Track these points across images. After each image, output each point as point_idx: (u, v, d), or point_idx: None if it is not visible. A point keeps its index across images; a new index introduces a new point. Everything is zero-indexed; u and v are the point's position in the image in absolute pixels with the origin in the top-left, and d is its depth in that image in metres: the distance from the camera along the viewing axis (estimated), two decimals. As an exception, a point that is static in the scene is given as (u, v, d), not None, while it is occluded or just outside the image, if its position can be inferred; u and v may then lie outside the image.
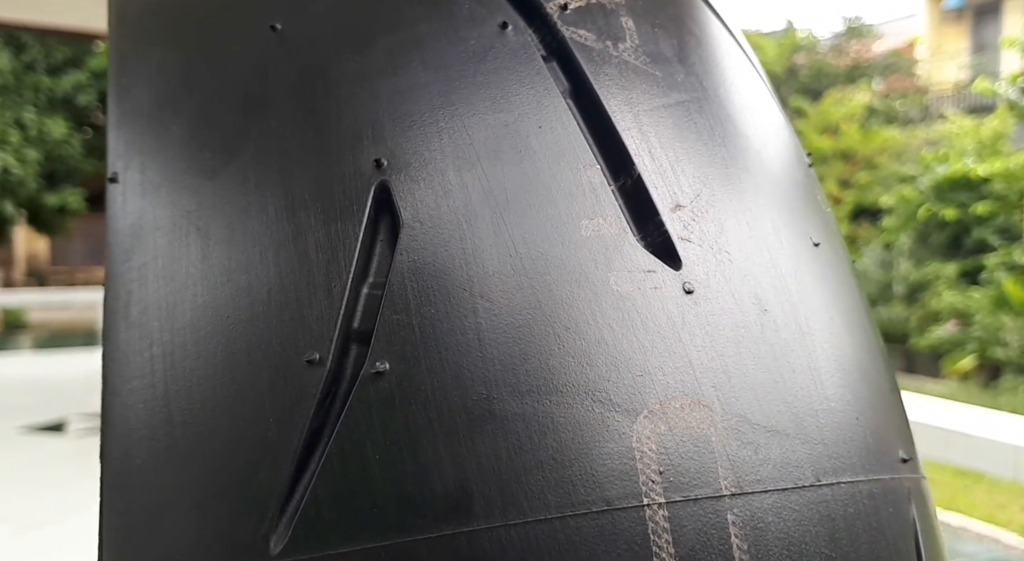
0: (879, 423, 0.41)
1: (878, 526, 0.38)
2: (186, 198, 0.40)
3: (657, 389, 0.36)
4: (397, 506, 0.33)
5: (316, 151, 0.39)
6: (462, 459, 0.33)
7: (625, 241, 0.38)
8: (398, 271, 0.36)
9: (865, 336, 0.44)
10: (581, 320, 0.36)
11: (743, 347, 0.38)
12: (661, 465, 0.34)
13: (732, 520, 0.34)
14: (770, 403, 0.37)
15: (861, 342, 0.43)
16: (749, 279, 0.40)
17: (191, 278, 0.39)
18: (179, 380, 0.37)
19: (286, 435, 0.35)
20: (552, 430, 0.34)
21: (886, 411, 0.42)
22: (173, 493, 0.36)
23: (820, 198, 0.49)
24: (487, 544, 0.33)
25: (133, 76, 0.46)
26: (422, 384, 0.34)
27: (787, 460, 0.36)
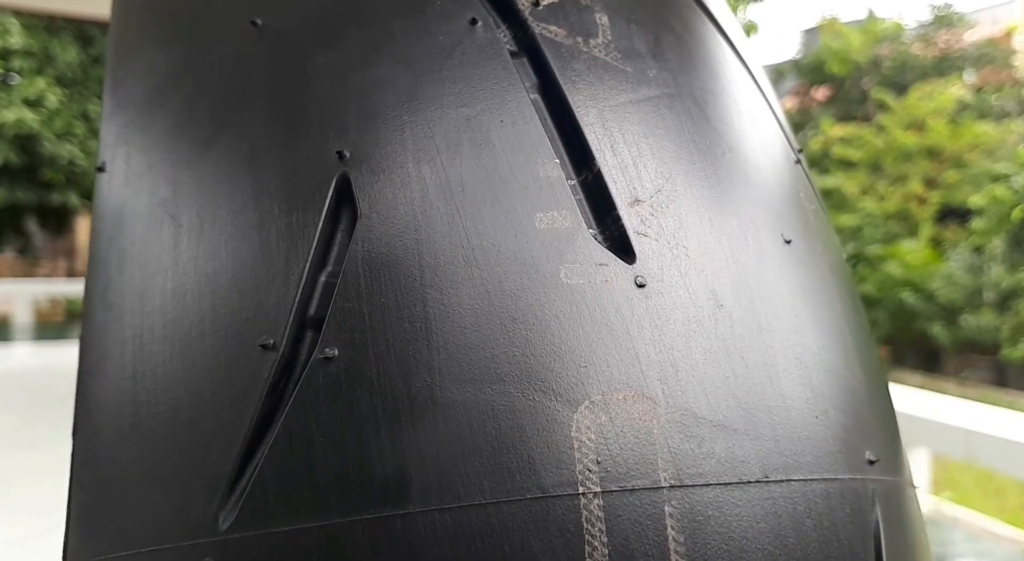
0: (844, 423, 0.42)
1: (831, 526, 0.39)
2: (163, 187, 0.43)
3: (600, 380, 0.37)
4: (337, 488, 0.36)
5: (284, 143, 0.42)
6: (402, 444, 0.36)
7: (579, 235, 0.40)
8: (352, 260, 0.38)
9: (839, 336, 0.45)
10: (528, 311, 0.38)
11: (694, 342, 0.39)
12: (599, 455, 0.36)
13: (670, 512, 0.36)
14: (719, 398, 0.39)
15: (833, 342, 0.44)
16: (706, 274, 0.41)
17: (162, 264, 0.42)
18: (145, 362, 0.40)
19: (239, 417, 0.38)
20: (492, 418, 0.36)
21: (855, 412, 0.43)
22: (135, 470, 0.39)
23: (805, 194, 0.50)
24: (421, 527, 0.35)
25: (126, 70, 0.49)
26: (368, 370, 0.37)
27: (733, 455, 0.38)
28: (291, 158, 0.41)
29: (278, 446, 0.37)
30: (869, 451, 0.43)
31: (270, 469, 0.36)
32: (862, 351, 0.47)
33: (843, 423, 0.42)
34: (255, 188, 0.41)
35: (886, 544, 0.41)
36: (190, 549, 0.37)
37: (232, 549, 0.36)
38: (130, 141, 0.46)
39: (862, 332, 0.49)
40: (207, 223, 0.41)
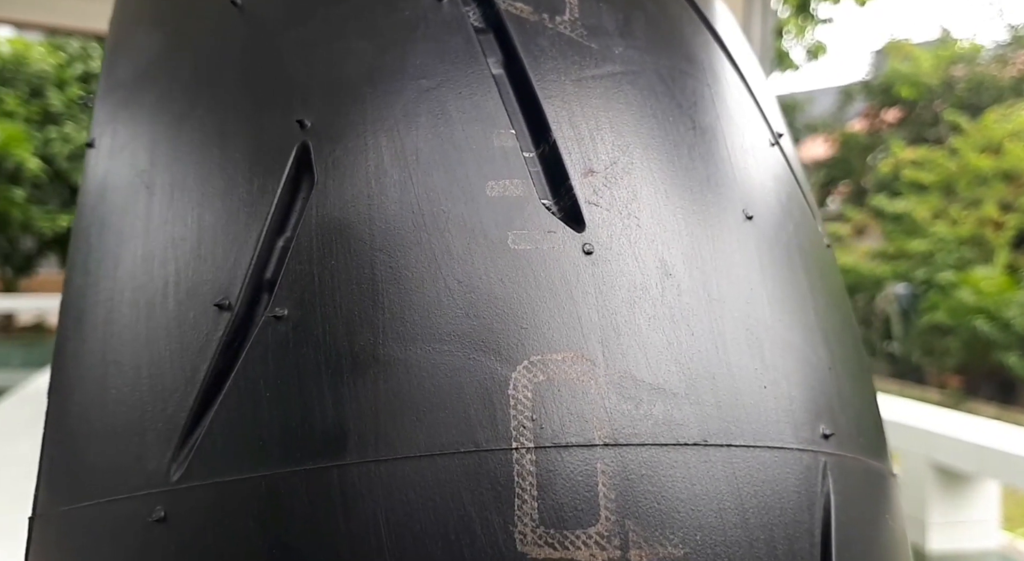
0: (796, 396, 0.42)
1: (773, 494, 0.39)
2: (142, 159, 0.46)
3: (540, 342, 0.38)
4: (280, 440, 0.37)
5: (250, 114, 0.44)
6: (342, 399, 0.37)
7: (529, 203, 0.41)
8: (306, 225, 0.40)
9: (801, 313, 0.45)
10: (474, 274, 0.39)
11: (638, 308, 0.40)
12: (535, 413, 0.37)
13: (602, 469, 0.36)
14: (660, 363, 0.39)
15: (792, 318, 0.44)
16: (657, 244, 0.42)
17: (135, 231, 0.44)
18: (115, 324, 0.43)
19: (194, 374, 0.39)
20: (431, 375, 0.37)
21: (810, 386, 0.43)
22: (100, 426, 0.41)
23: (779, 175, 0.50)
24: (356, 477, 0.36)
25: (120, 52, 0.52)
26: (315, 329, 0.38)
27: (671, 418, 0.38)
28: (256, 128, 0.43)
29: (228, 401, 0.38)
30: (824, 425, 0.43)
31: (219, 423, 0.38)
32: (831, 332, 0.47)
33: (794, 395, 0.42)
34: (222, 157, 0.43)
35: (838, 518, 0.41)
36: (143, 499, 0.38)
37: (180, 498, 0.38)
38: (117, 118, 0.49)
39: (835, 314, 0.49)
40: (177, 191, 0.44)
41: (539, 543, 0.35)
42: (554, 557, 0.35)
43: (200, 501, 0.37)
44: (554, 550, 0.35)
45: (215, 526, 0.37)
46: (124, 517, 0.39)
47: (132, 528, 0.38)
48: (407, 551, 0.35)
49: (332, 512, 0.36)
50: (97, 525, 0.39)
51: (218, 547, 0.37)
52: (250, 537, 0.36)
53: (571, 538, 0.35)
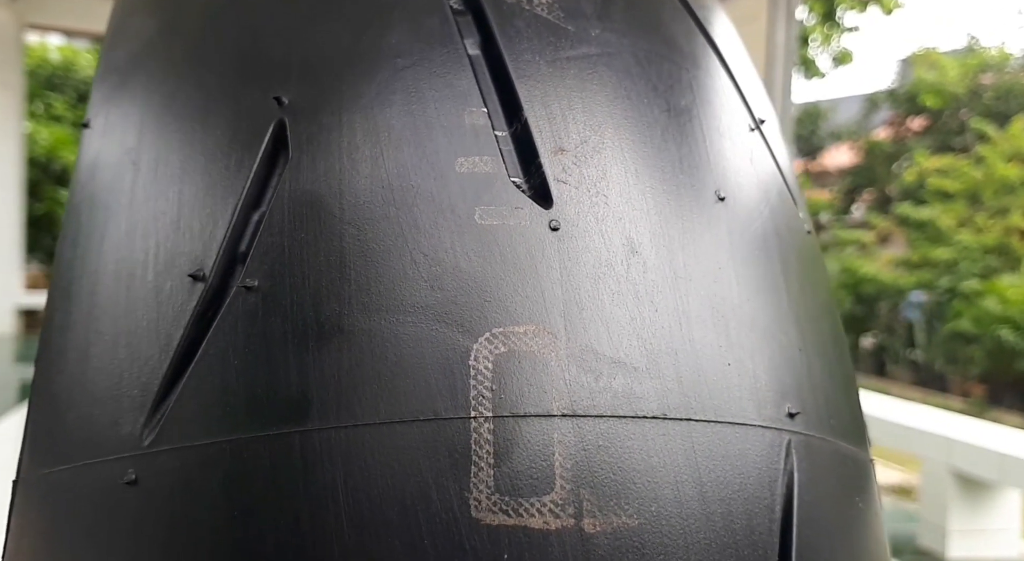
0: (760, 374, 0.42)
1: (732, 468, 0.39)
2: (130, 138, 0.47)
3: (503, 314, 0.39)
4: (246, 407, 0.38)
5: (233, 93, 0.45)
6: (307, 368, 0.38)
7: (498, 179, 0.41)
8: (279, 198, 0.41)
9: (772, 295, 0.45)
10: (440, 248, 0.39)
11: (602, 283, 0.40)
12: (494, 383, 0.37)
13: (559, 439, 0.37)
14: (622, 338, 0.39)
15: (762, 299, 0.45)
16: (624, 222, 0.42)
17: (121, 206, 0.45)
18: (98, 296, 0.43)
19: (168, 342, 0.40)
20: (394, 345, 0.38)
21: (777, 366, 0.43)
22: (80, 393, 0.42)
23: (757, 159, 0.50)
24: (317, 443, 0.36)
25: (117, 39, 0.53)
26: (283, 300, 0.39)
27: (631, 391, 0.38)
28: (236, 106, 0.44)
29: (198, 369, 0.39)
30: (790, 405, 0.43)
31: (189, 390, 0.39)
32: (805, 314, 0.47)
33: (759, 374, 0.42)
34: (204, 134, 0.44)
35: (801, 496, 0.41)
36: (116, 462, 0.39)
37: (150, 462, 0.38)
38: (111, 101, 0.50)
39: (811, 298, 0.49)
40: (161, 167, 0.44)
41: (493, 510, 0.36)
42: (508, 524, 0.36)
43: (169, 464, 0.38)
44: (508, 517, 0.36)
45: (182, 489, 0.38)
46: (98, 480, 0.39)
47: (105, 490, 0.39)
48: (364, 515, 0.35)
49: (293, 476, 0.36)
50: (73, 487, 0.40)
51: (185, 509, 0.37)
52: (215, 500, 0.37)
53: (525, 506, 0.36)
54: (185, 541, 0.37)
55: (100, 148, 0.48)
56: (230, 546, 0.36)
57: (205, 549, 0.37)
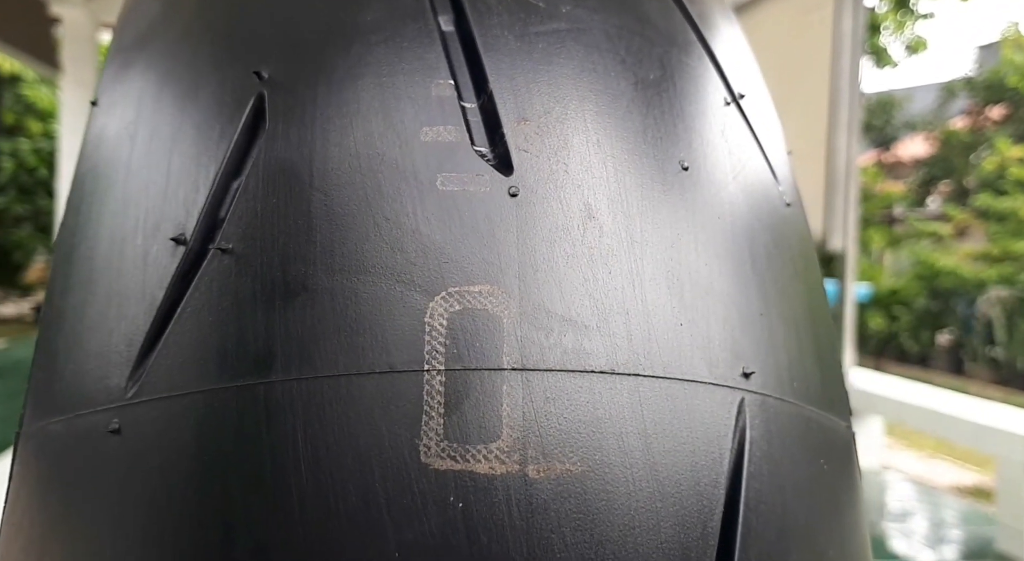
0: (715, 335, 0.44)
1: (678, 423, 0.41)
2: (129, 113, 0.50)
3: (459, 275, 0.41)
4: (217, 361, 0.41)
5: (221, 70, 0.48)
6: (273, 324, 0.40)
7: (460, 148, 0.43)
8: (255, 166, 0.44)
9: (734, 261, 0.47)
10: (401, 212, 0.42)
11: (557, 247, 0.42)
12: (448, 339, 0.40)
13: (507, 391, 0.39)
14: (575, 298, 0.41)
15: (722, 264, 0.46)
16: (583, 189, 0.44)
17: (117, 176, 0.48)
18: (94, 260, 0.47)
19: (152, 301, 0.43)
20: (354, 303, 0.40)
21: (733, 328, 0.45)
22: (75, 350, 0.46)
23: (732, 133, 0.52)
24: (279, 393, 0.39)
25: (127, 22, 0.57)
26: (254, 261, 0.42)
27: (580, 348, 0.40)
28: (223, 80, 0.47)
29: (177, 326, 0.42)
30: (746, 365, 0.44)
31: (168, 346, 0.42)
32: (771, 282, 0.48)
33: (713, 335, 0.44)
34: (194, 109, 0.47)
35: (753, 453, 0.42)
36: (103, 413, 0.43)
37: (132, 412, 0.42)
38: (117, 79, 0.54)
39: (782, 268, 0.50)
40: (154, 140, 0.48)
41: (441, 456, 0.38)
42: (455, 468, 0.38)
43: (148, 414, 0.41)
44: (455, 462, 0.38)
45: (160, 437, 0.41)
46: (86, 429, 0.43)
47: (92, 439, 0.43)
48: (321, 460, 0.38)
49: (256, 424, 0.39)
50: (65, 437, 0.44)
51: (162, 455, 0.41)
52: (188, 446, 0.40)
53: (472, 452, 0.38)
54: (161, 485, 0.40)
55: (103, 124, 0.52)
56: (199, 489, 0.39)
57: (178, 492, 0.40)
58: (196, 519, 0.39)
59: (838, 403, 0.52)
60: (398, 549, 0.37)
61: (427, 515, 0.37)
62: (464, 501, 0.37)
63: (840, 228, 3.63)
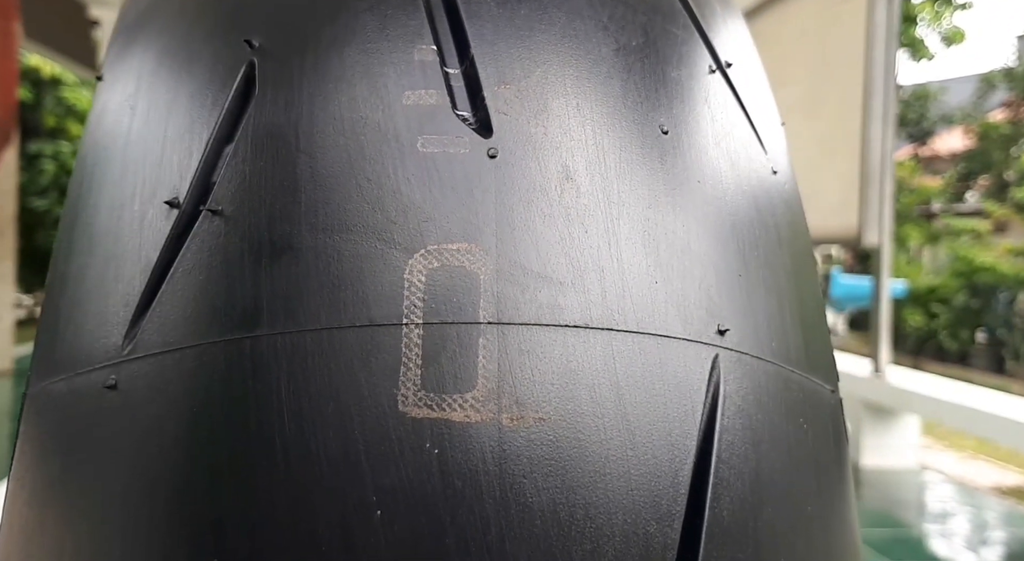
0: (690, 293, 0.45)
1: (650, 376, 0.42)
2: (131, 86, 0.53)
3: (438, 233, 0.42)
4: (207, 317, 0.43)
5: (215, 41, 0.50)
6: (259, 281, 0.42)
7: (441, 111, 0.45)
8: (244, 131, 0.46)
9: (710, 221, 0.48)
10: (383, 173, 0.44)
11: (535, 206, 0.43)
12: (426, 294, 0.41)
13: (483, 343, 0.40)
14: (551, 256, 0.43)
15: (698, 225, 0.47)
16: (561, 151, 0.45)
17: (118, 146, 0.51)
18: (95, 226, 0.49)
19: (148, 263, 0.45)
20: (336, 261, 0.42)
21: (710, 288, 0.46)
22: (77, 312, 0.48)
23: (716, 96, 0.53)
24: (264, 347, 0.41)
25: (131, 2, 0.60)
26: (242, 221, 0.44)
27: (555, 303, 0.42)
28: (216, 50, 0.49)
29: (170, 285, 0.44)
30: (721, 323, 0.45)
31: (162, 304, 0.44)
32: (750, 245, 0.49)
33: (688, 292, 0.45)
34: (189, 79, 0.49)
35: (727, 408, 0.43)
36: (102, 370, 0.45)
37: (128, 368, 0.44)
38: (121, 56, 0.56)
39: (763, 232, 0.51)
40: (152, 111, 0.50)
41: (419, 405, 0.40)
42: (431, 416, 0.39)
43: (143, 370, 0.43)
44: (431, 410, 0.39)
45: (153, 390, 0.43)
46: (85, 386, 0.45)
47: (91, 395, 0.45)
48: (303, 409, 0.40)
49: (243, 376, 0.41)
50: (65, 395, 0.46)
51: (155, 407, 0.43)
52: (179, 398, 0.42)
53: (448, 401, 0.40)
54: (154, 435, 0.42)
55: (107, 98, 0.54)
56: (190, 438, 0.41)
57: (170, 441, 0.42)
58: (186, 466, 0.41)
59: (822, 368, 0.53)
60: (376, 493, 0.38)
61: (404, 461, 0.39)
62: (440, 447, 0.39)
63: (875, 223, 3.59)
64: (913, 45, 9.16)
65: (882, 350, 3.57)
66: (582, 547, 0.39)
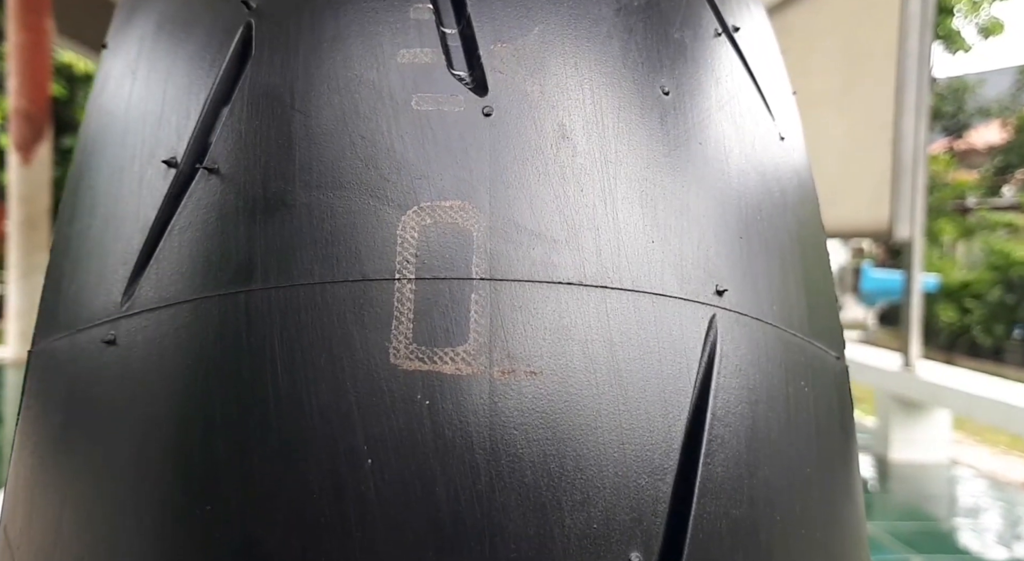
0: (688, 253, 0.45)
1: (644, 334, 0.42)
2: (133, 51, 0.53)
3: (431, 190, 0.42)
4: (203, 272, 0.43)
5: (213, 4, 0.50)
6: (254, 237, 0.43)
7: (437, 69, 0.45)
8: (241, 90, 0.46)
9: (712, 182, 0.47)
10: (376, 131, 0.44)
11: (530, 165, 0.43)
12: (419, 250, 0.41)
13: (475, 299, 0.41)
14: (545, 214, 0.43)
15: (697, 185, 0.47)
16: (558, 110, 0.45)
17: (119, 109, 0.51)
18: (98, 188, 0.50)
19: (146, 222, 0.46)
20: (330, 217, 0.42)
21: (708, 246, 0.46)
22: (79, 271, 0.49)
23: (720, 60, 0.52)
24: (258, 301, 0.41)
25: None
26: (237, 178, 0.44)
27: (548, 260, 0.42)
28: (215, 12, 0.49)
29: (168, 242, 0.45)
30: (719, 284, 0.45)
31: (159, 261, 0.45)
32: (752, 207, 0.49)
33: (685, 252, 0.44)
34: (188, 41, 0.50)
35: (723, 367, 0.43)
36: (102, 326, 0.45)
37: (126, 324, 0.44)
38: (125, 23, 0.57)
39: (767, 195, 0.51)
40: (152, 74, 0.50)
41: (410, 357, 0.40)
42: (422, 369, 0.39)
43: (140, 324, 0.44)
44: (422, 363, 0.40)
45: (150, 344, 0.43)
46: (86, 343, 0.46)
47: (90, 351, 0.45)
48: (296, 361, 0.40)
49: (238, 329, 0.41)
50: (66, 351, 0.47)
51: (152, 361, 0.43)
52: (176, 351, 0.43)
53: (439, 354, 0.40)
54: (151, 388, 0.43)
55: (110, 65, 0.55)
56: (185, 391, 0.42)
57: (166, 394, 0.42)
58: (181, 417, 0.41)
59: (827, 334, 0.52)
60: (366, 442, 0.39)
61: (395, 411, 0.39)
62: (430, 399, 0.39)
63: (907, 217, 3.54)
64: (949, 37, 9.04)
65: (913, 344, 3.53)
66: (572, 497, 0.39)
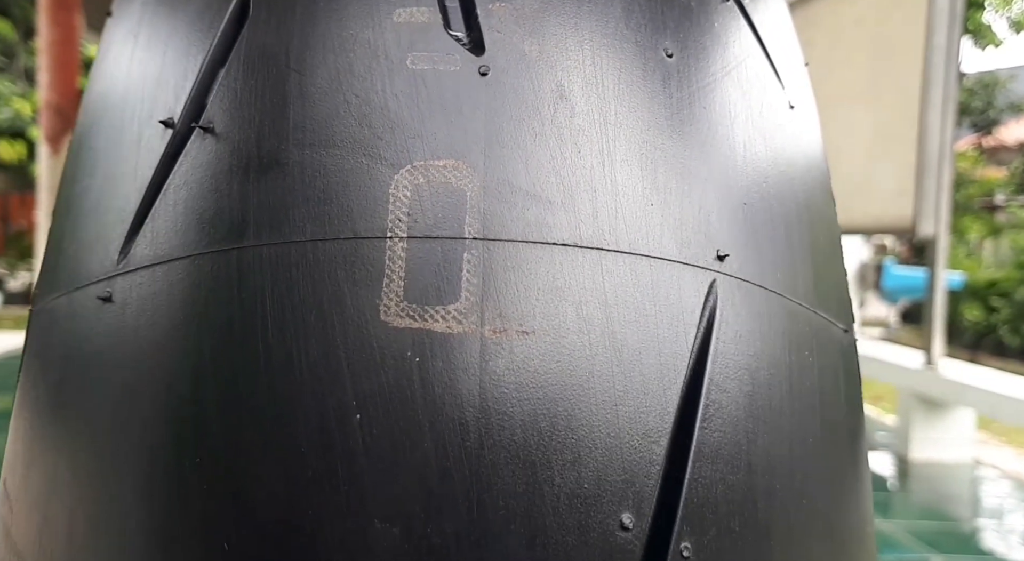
0: (688, 217, 0.44)
1: (642, 297, 0.41)
2: (135, 16, 0.53)
3: (425, 149, 0.42)
4: (197, 230, 0.43)
5: None
6: (248, 195, 0.42)
7: (432, 28, 0.45)
8: (237, 50, 0.46)
9: (716, 148, 0.47)
10: (371, 90, 0.43)
11: (525, 124, 0.43)
12: (411, 209, 0.41)
13: (467, 258, 0.40)
14: (541, 174, 0.42)
15: (700, 150, 0.46)
16: (556, 71, 0.44)
17: (120, 74, 0.51)
18: (97, 149, 0.50)
19: (143, 182, 0.46)
20: (322, 175, 0.42)
21: (710, 212, 0.45)
22: (78, 231, 0.49)
23: (726, 26, 0.51)
24: (251, 257, 0.41)
25: None
26: (232, 137, 0.44)
27: (543, 221, 0.41)
28: None
29: (164, 199, 0.45)
30: (720, 248, 0.44)
31: (156, 219, 0.45)
32: (757, 175, 0.49)
33: (686, 217, 0.44)
34: (188, 2, 0.50)
35: (723, 333, 0.43)
36: (99, 283, 0.45)
37: (122, 281, 0.44)
38: None
39: (774, 166, 0.50)
40: (152, 38, 0.50)
41: (401, 315, 0.39)
42: (413, 327, 0.39)
43: (135, 281, 0.44)
44: (413, 321, 0.39)
45: (145, 300, 0.44)
46: (83, 300, 0.46)
47: (88, 307, 0.45)
48: (286, 317, 0.40)
49: (230, 286, 0.41)
50: (65, 309, 0.47)
51: (147, 316, 0.43)
52: (170, 307, 0.43)
53: (430, 312, 0.39)
54: (145, 343, 0.43)
55: (115, 31, 0.55)
56: (178, 345, 0.42)
57: (160, 348, 0.42)
58: (173, 371, 0.41)
59: (834, 305, 0.51)
60: (356, 398, 0.38)
61: (384, 368, 0.39)
62: (420, 356, 0.39)
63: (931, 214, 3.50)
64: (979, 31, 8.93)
65: (935, 342, 3.49)
66: (562, 457, 0.38)
